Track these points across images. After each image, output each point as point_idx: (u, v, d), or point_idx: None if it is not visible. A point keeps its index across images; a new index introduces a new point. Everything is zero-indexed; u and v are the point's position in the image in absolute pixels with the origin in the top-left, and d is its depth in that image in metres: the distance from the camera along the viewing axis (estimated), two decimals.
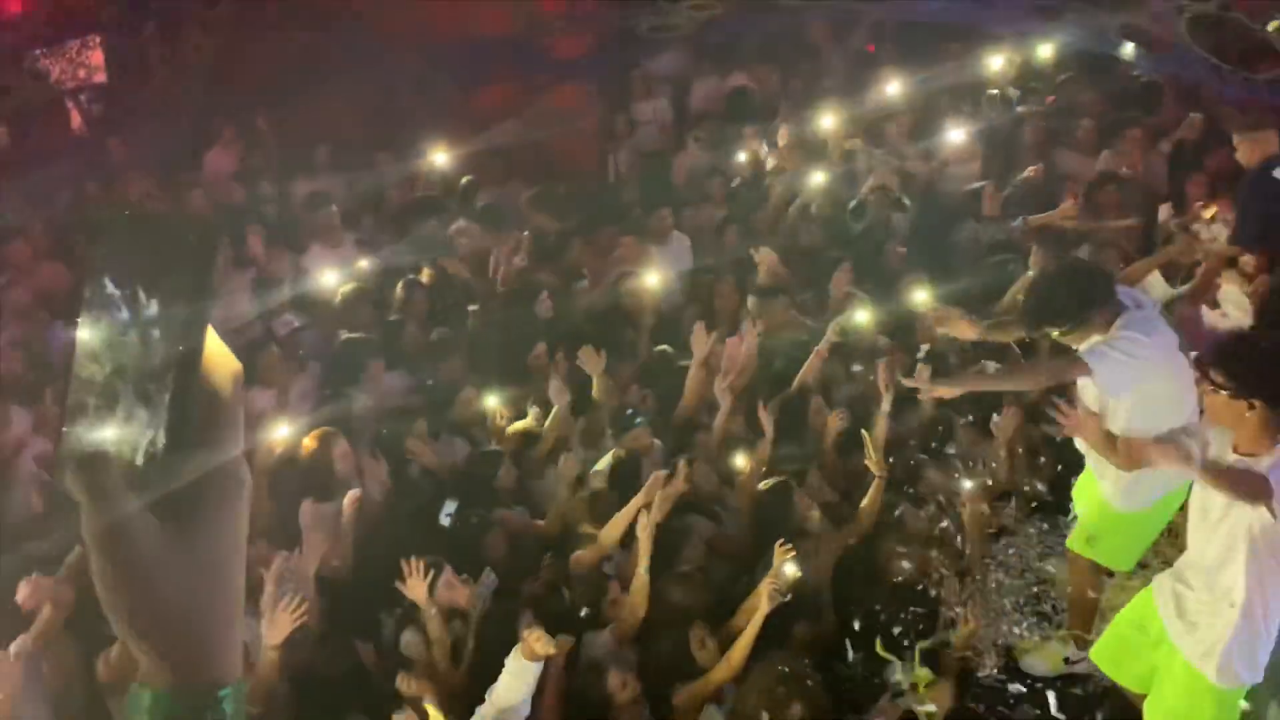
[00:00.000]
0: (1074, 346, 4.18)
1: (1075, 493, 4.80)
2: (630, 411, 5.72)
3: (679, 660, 4.24)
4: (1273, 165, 5.72)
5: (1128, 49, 7.83)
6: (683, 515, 4.98)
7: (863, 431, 5.05)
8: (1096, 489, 4.44)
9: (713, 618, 4.43)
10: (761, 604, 4.12)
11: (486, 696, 3.83)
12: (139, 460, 0.82)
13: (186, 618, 0.82)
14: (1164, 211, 7.43)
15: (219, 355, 0.85)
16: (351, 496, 4.82)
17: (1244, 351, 3.43)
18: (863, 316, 6.04)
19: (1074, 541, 4.60)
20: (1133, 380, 3.98)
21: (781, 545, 4.32)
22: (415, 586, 4.17)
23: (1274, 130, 5.71)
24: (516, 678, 3.78)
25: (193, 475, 0.82)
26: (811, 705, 3.94)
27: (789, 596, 4.25)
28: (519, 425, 5.69)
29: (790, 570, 4.31)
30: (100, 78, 9.27)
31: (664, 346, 6.33)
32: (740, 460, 5.11)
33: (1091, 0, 7.84)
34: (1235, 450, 3.49)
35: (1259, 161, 5.76)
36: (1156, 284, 5.99)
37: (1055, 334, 4.20)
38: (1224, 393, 3.35)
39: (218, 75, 9.24)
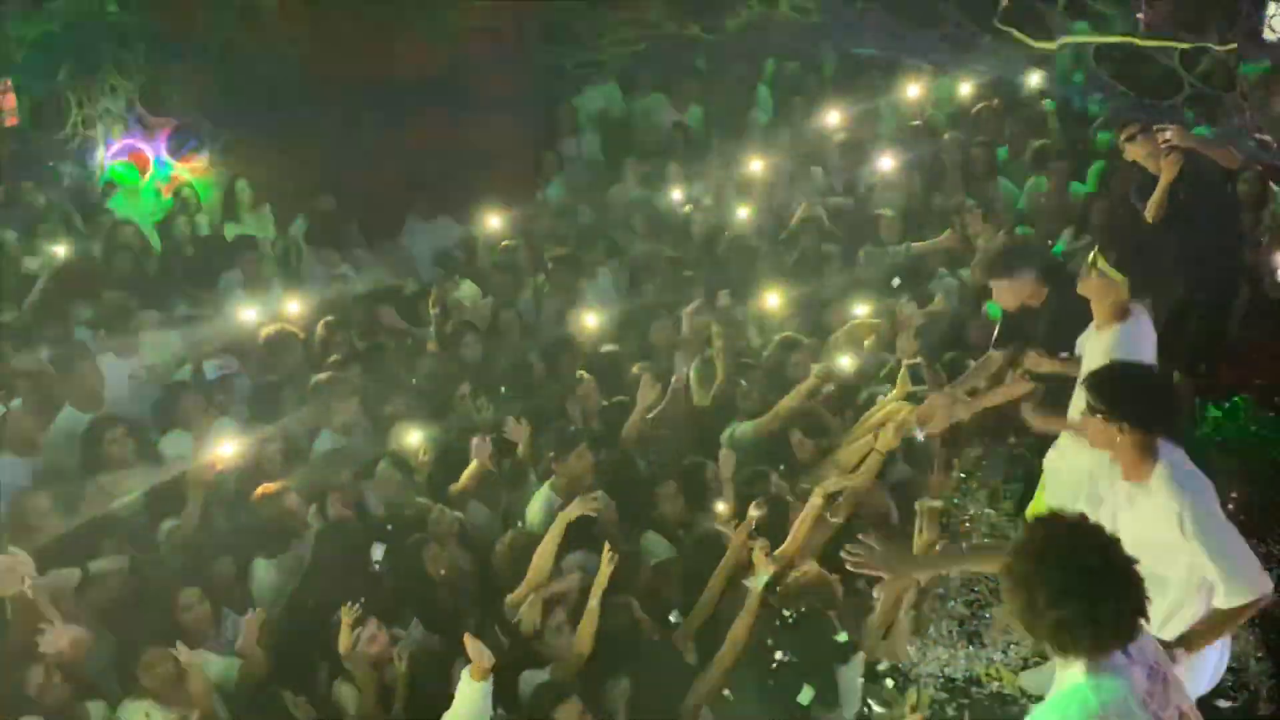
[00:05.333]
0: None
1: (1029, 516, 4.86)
2: (572, 431, 5.69)
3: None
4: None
5: (1036, 78, 8.08)
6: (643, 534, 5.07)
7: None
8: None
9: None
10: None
11: None
12: None
13: None
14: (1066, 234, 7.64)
15: None
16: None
17: (1112, 377, 3.73)
18: (846, 362, 6.06)
19: None
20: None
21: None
22: (342, 639, 4.13)
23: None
24: (473, 702, 3.80)
25: None
26: None
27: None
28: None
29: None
30: (13, 121, 9.05)
31: (581, 372, 6.30)
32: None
33: (1000, 32, 8.10)
34: (1125, 479, 3.70)
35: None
36: None
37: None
38: (1098, 416, 3.61)
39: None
